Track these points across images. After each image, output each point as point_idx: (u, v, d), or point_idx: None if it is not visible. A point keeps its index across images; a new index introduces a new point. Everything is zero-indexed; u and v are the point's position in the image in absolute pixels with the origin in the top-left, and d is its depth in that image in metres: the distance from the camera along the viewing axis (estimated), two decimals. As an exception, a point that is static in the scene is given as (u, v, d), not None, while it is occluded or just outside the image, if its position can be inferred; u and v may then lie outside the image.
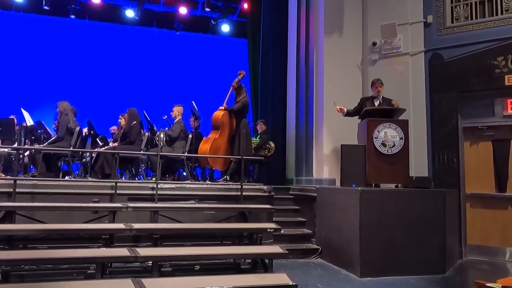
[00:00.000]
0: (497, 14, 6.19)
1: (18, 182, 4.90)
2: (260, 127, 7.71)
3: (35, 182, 5.15)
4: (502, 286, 2.14)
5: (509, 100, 6.08)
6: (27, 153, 6.61)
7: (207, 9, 9.97)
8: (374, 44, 6.91)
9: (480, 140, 6.31)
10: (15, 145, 5.92)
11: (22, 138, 6.22)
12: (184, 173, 7.07)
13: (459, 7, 6.53)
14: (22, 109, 6.63)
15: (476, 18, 6.35)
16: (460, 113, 6.35)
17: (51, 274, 4.13)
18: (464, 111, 6.36)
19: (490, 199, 6.13)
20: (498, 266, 5.65)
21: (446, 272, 5.02)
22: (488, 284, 2.17)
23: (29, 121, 6.66)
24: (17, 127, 6.55)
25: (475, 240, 6.13)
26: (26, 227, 4.33)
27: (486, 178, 6.19)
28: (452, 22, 6.53)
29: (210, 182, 6.39)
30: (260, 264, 4.64)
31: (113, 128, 8.28)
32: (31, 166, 6.67)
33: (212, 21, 10.66)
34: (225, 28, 10.70)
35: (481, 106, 6.29)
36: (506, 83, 5.95)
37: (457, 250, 5.90)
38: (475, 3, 6.40)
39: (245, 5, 9.94)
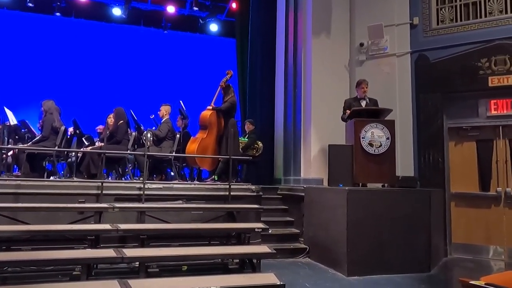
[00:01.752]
0: (481, 17, 6.31)
1: (1, 182, 4.81)
2: (248, 127, 7.70)
3: (18, 182, 5.06)
4: (485, 284, 2.18)
5: (492, 101, 6.20)
6: (10, 152, 6.48)
7: (195, 8, 9.92)
8: (361, 45, 6.97)
9: (465, 140, 6.42)
10: (-2, 145, 5.79)
11: (5, 138, 6.09)
12: (172, 173, 7.02)
13: (445, 9, 6.64)
14: (5, 108, 6.50)
15: (461, 20, 6.47)
16: (445, 114, 6.45)
17: (35, 276, 4.07)
18: (449, 111, 6.47)
19: (474, 198, 6.25)
20: (482, 264, 5.76)
21: (432, 270, 5.10)
22: (472, 282, 2.21)
23: (12, 120, 6.53)
24: (0, 126, 6.42)
25: (460, 239, 6.24)
26: (9, 228, 4.24)
27: (470, 177, 6.31)
28: (438, 24, 6.64)
29: (198, 182, 6.36)
30: (248, 264, 4.64)
31: (100, 128, 8.18)
32: (15, 166, 6.55)
33: (200, 20, 10.61)
34: (213, 27, 10.67)
35: (465, 107, 6.40)
36: (490, 84, 6.08)
37: (442, 249, 5.99)
38: (460, 5, 6.51)
39: (234, 5, 9.92)
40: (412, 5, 6.75)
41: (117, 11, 9.92)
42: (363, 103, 5.91)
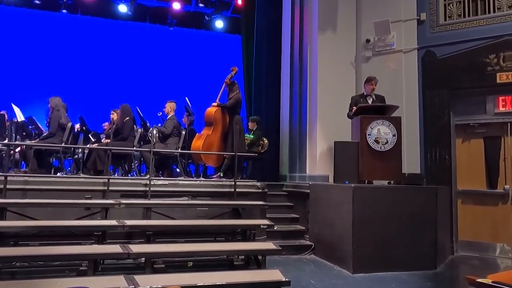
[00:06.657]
0: (489, 12, 6.24)
1: (9, 178, 4.84)
2: (251, 125, 7.69)
3: (26, 178, 5.09)
4: (492, 282, 2.16)
5: (500, 98, 6.14)
6: (18, 149, 6.53)
7: (201, 5, 9.92)
8: (367, 41, 6.93)
9: (472, 137, 6.37)
10: (6, 141, 5.84)
11: (13, 134, 6.14)
12: (178, 170, 7.04)
13: (452, 5, 6.56)
14: (12, 105, 6.54)
15: (469, 16, 6.39)
16: (452, 110, 6.39)
17: (43, 271, 4.11)
18: (456, 108, 6.41)
19: (481, 196, 6.20)
20: (489, 261, 5.73)
21: (438, 268, 5.07)
22: (478, 280, 2.19)
23: (20, 116, 6.58)
24: (7, 123, 6.47)
25: (466, 236, 6.20)
26: (17, 224, 4.28)
27: (477, 174, 6.26)
28: (445, 19, 6.57)
29: (203, 179, 6.38)
30: (253, 261, 4.66)
31: (106, 124, 8.21)
32: (23, 162, 6.60)
33: (205, 16, 10.60)
34: (219, 24, 10.65)
35: (473, 104, 6.34)
36: (498, 81, 6.01)
37: (449, 246, 5.96)
38: (468, 1, 6.43)
39: (239, 1, 9.89)
40: (420, 1, 6.69)
41: (123, 8, 9.94)
42: (370, 100, 5.89)
